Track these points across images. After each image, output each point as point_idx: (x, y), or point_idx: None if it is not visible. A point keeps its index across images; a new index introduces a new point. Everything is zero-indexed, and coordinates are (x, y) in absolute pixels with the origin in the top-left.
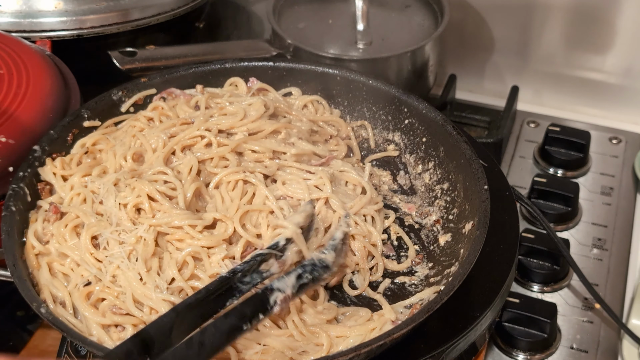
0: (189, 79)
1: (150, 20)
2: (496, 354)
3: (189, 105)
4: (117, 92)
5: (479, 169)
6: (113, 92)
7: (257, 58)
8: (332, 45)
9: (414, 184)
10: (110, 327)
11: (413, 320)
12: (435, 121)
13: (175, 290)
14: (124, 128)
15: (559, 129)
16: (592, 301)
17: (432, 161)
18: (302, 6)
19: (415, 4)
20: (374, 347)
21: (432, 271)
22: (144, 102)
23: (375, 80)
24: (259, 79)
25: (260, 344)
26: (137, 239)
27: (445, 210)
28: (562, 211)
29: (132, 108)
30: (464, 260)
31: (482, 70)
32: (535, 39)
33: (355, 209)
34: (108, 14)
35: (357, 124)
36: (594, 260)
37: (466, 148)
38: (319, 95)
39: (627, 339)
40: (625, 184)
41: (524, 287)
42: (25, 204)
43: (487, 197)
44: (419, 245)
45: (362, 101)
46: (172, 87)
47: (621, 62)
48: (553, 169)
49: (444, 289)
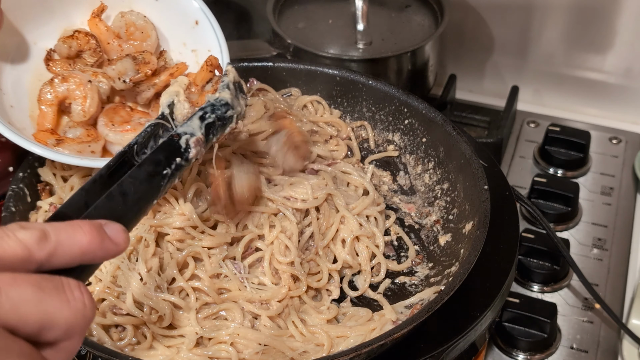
0: None
1: None
2: (496, 354)
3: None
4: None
5: (479, 169)
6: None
7: (257, 58)
8: (332, 45)
9: (414, 184)
10: (110, 328)
11: (413, 320)
12: (435, 121)
13: (175, 290)
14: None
15: (559, 129)
16: (592, 301)
17: (432, 161)
18: (302, 6)
19: (415, 4)
20: (374, 347)
21: (432, 271)
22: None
23: (375, 81)
24: (259, 79)
25: (260, 344)
26: (138, 239)
27: (445, 210)
28: (562, 211)
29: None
30: (464, 260)
31: (482, 70)
32: (535, 39)
33: (358, 210)
34: None
35: (357, 125)
36: (594, 260)
37: (466, 148)
38: (319, 95)
39: (627, 339)
40: (625, 184)
41: (524, 287)
42: (25, 204)
43: (487, 197)
44: (419, 245)
45: (362, 101)
46: None
47: (621, 62)
48: (553, 169)
49: (445, 289)
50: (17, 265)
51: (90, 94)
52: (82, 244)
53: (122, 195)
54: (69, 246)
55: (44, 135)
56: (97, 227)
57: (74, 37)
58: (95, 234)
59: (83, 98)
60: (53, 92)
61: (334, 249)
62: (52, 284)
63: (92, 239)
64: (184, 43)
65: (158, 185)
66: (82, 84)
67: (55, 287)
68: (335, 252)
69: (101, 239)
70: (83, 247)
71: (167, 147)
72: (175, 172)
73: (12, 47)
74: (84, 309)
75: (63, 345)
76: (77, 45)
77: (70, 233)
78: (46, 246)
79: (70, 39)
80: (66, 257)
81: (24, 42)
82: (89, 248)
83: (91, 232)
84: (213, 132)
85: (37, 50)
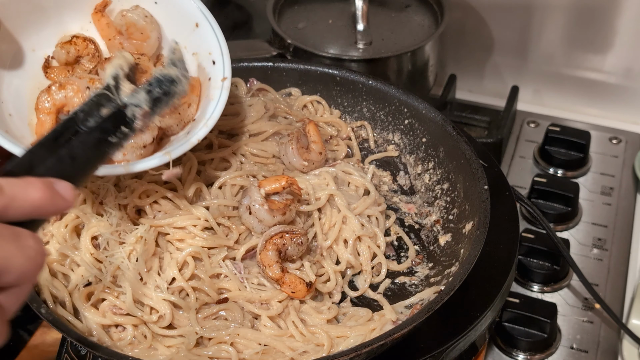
0: None
1: None
2: (496, 354)
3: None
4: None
5: (479, 169)
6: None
7: (257, 58)
8: (332, 45)
9: (414, 184)
10: (110, 327)
11: (414, 320)
12: (435, 121)
13: (175, 290)
14: None
15: (559, 129)
16: (592, 301)
17: (432, 161)
18: (302, 6)
19: (415, 4)
20: (374, 347)
21: (432, 271)
22: None
23: (375, 81)
24: (259, 79)
25: (260, 344)
26: (137, 239)
27: (445, 210)
28: (562, 211)
29: None
30: (464, 260)
31: (482, 70)
32: (535, 39)
33: (360, 210)
34: None
35: (357, 125)
36: (594, 260)
37: (466, 148)
38: (319, 95)
39: (627, 339)
40: (625, 184)
41: (524, 287)
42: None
43: (487, 197)
44: (419, 245)
45: (362, 101)
46: None
47: (621, 62)
48: (553, 169)
49: (445, 289)
50: None
51: None
52: (34, 199)
53: (71, 158)
54: (23, 200)
55: None
56: (48, 184)
57: (72, 43)
58: (46, 190)
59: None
60: (51, 100)
61: (336, 250)
62: (9, 232)
63: (43, 194)
64: (185, 46)
65: (104, 151)
66: (79, 90)
67: (12, 235)
68: (338, 252)
69: (52, 194)
70: (35, 201)
71: (115, 116)
72: (121, 141)
73: (10, 54)
74: (36, 257)
75: (13, 291)
76: (76, 51)
77: (24, 188)
78: (1, 199)
79: (69, 44)
80: (19, 210)
81: (21, 49)
82: (41, 203)
83: (43, 188)
84: (158, 105)
85: (36, 57)
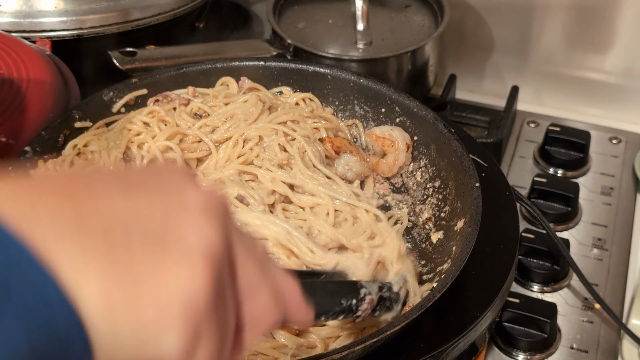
0: (179, 79)
1: (150, 20)
2: (496, 354)
3: (187, 112)
4: (108, 93)
5: (470, 166)
6: (104, 93)
7: (249, 57)
8: (332, 45)
9: (405, 182)
10: None
11: (406, 318)
12: (426, 119)
13: None
14: (116, 128)
15: (559, 129)
16: (592, 301)
17: (424, 159)
18: (302, 6)
19: (415, 4)
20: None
21: (424, 269)
22: (135, 102)
23: (366, 79)
24: (251, 78)
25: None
26: None
27: (437, 208)
28: (562, 211)
29: (124, 108)
30: (456, 257)
31: (482, 70)
32: (535, 39)
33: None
34: (108, 14)
35: (348, 123)
36: (594, 260)
37: (457, 146)
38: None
39: (627, 339)
40: (625, 184)
41: (524, 287)
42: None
43: (479, 194)
44: (411, 243)
45: (354, 100)
46: (163, 87)
47: (621, 62)
48: (553, 169)
49: (437, 286)
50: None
51: None
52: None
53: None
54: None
55: None
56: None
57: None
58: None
59: None
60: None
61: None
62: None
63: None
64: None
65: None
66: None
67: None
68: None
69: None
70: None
71: (350, 286)
72: (339, 313)
73: None
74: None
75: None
76: None
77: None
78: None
79: None
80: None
81: None
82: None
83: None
84: (379, 307)
85: None
